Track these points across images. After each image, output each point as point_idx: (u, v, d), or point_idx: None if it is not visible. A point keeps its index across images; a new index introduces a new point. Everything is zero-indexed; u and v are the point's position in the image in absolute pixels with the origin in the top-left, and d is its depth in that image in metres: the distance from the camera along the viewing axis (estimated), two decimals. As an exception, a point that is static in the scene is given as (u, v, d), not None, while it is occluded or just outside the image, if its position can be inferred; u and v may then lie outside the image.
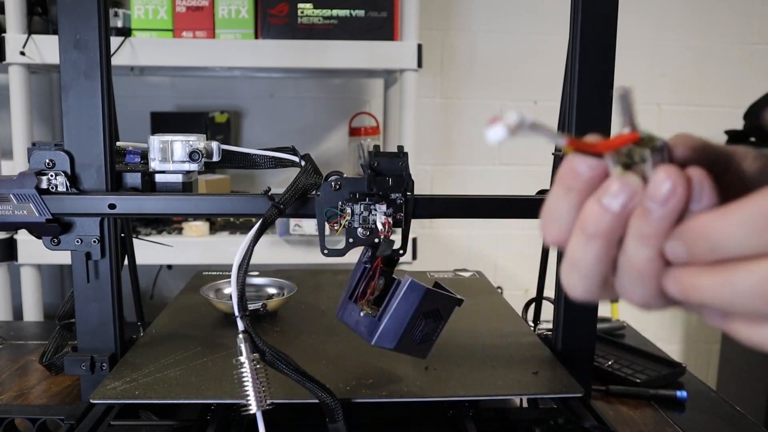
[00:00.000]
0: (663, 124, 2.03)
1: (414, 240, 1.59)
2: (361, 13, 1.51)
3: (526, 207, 0.72)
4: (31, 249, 1.48)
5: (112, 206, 0.67)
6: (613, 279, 0.29)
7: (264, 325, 0.83)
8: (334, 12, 1.50)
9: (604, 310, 1.89)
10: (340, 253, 0.67)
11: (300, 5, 1.49)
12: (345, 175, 0.66)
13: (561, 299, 0.74)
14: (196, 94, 1.90)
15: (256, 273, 0.97)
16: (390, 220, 0.65)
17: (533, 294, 0.90)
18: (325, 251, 0.67)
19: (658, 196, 0.26)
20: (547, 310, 0.81)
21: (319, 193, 0.65)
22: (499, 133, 0.26)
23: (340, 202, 0.65)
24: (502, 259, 2.05)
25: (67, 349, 0.74)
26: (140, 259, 0.85)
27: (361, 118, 1.84)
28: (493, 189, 1.99)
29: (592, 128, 0.70)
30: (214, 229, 1.60)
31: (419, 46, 1.52)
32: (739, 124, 1.86)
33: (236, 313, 0.57)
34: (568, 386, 0.66)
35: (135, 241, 0.82)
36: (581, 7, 0.69)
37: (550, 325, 0.78)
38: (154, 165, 0.69)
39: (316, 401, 0.59)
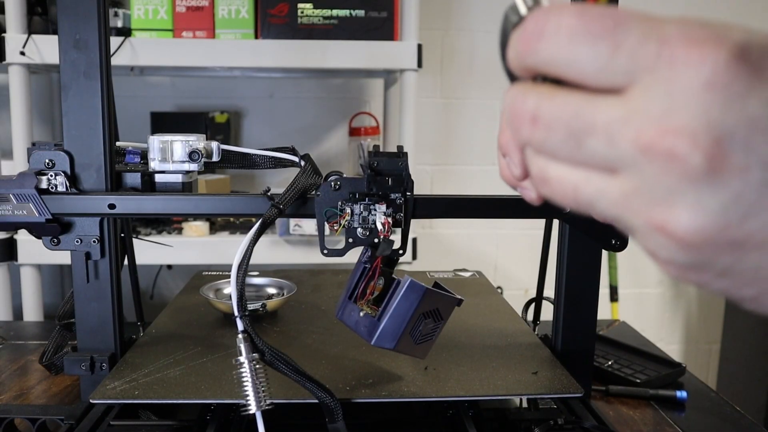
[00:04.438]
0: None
1: (414, 240, 1.59)
2: (361, 13, 1.51)
3: (526, 207, 0.71)
4: (31, 249, 1.48)
5: (111, 206, 0.67)
6: None
7: (264, 325, 0.83)
8: (334, 12, 1.50)
9: (603, 311, 1.89)
10: (340, 253, 0.67)
11: (300, 5, 1.49)
12: (345, 175, 0.66)
13: (561, 299, 0.74)
14: (196, 94, 1.91)
15: (256, 273, 0.97)
16: (390, 220, 0.65)
17: (533, 294, 0.90)
18: (325, 251, 0.67)
19: None
20: (547, 310, 0.81)
21: (318, 193, 0.65)
22: None
23: (339, 202, 0.65)
24: (502, 259, 2.06)
25: (67, 349, 0.74)
26: (140, 259, 0.85)
27: (361, 118, 1.84)
28: (493, 189, 1.99)
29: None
30: (214, 229, 1.60)
31: (419, 46, 1.52)
32: (739, 124, 1.86)
33: (236, 313, 0.57)
34: (568, 386, 0.66)
35: (135, 241, 0.82)
36: (581, 7, 0.69)
37: (549, 325, 0.78)
38: (153, 165, 0.69)
39: (316, 401, 0.59)
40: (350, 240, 0.66)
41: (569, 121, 0.23)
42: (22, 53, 1.42)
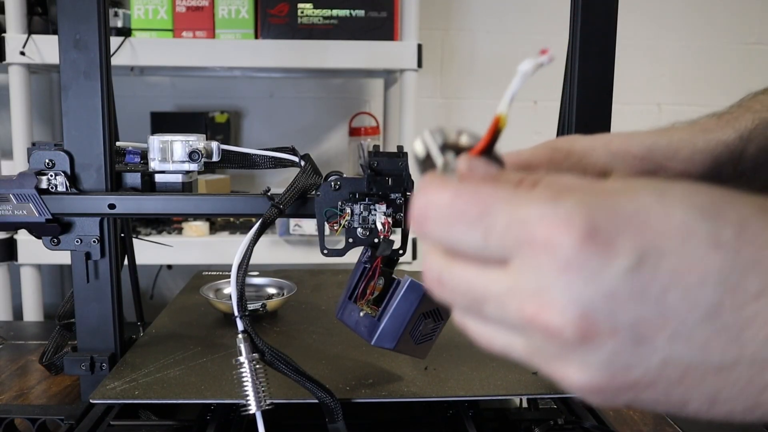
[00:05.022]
0: (663, 124, 2.03)
1: (414, 240, 1.59)
2: (361, 13, 1.51)
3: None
4: (31, 249, 1.48)
5: (111, 206, 0.67)
6: None
7: (264, 325, 0.83)
8: (334, 12, 1.50)
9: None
10: (340, 253, 0.67)
11: (300, 5, 1.49)
12: (345, 175, 0.66)
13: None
14: (196, 94, 1.91)
15: (256, 273, 0.97)
16: (390, 220, 0.65)
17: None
18: (325, 251, 0.67)
19: None
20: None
21: (318, 193, 0.65)
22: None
23: (339, 202, 0.65)
24: (502, 259, 2.05)
25: (67, 349, 0.74)
26: (140, 259, 0.85)
27: (361, 118, 1.84)
28: (493, 189, 1.98)
29: (593, 128, 0.70)
30: (214, 229, 1.60)
31: (419, 46, 1.52)
32: (739, 124, 1.86)
33: (236, 313, 0.57)
34: (568, 386, 0.66)
35: (135, 241, 0.82)
36: (581, 7, 0.69)
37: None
38: (153, 165, 0.69)
39: (316, 401, 0.59)
40: (350, 240, 0.66)
41: (467, 291, 0.27)
42: (22, 53, 1.42)
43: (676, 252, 0.23)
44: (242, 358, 0.56)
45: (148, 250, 1.34)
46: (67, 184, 0.67)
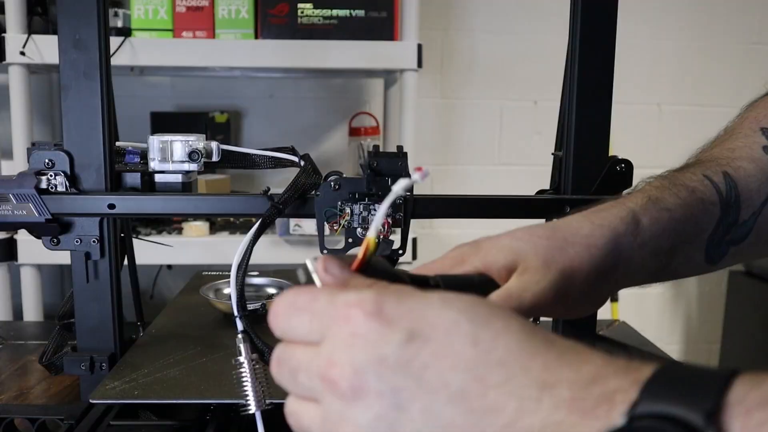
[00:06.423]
0: (663, 124, 2.03)
1: (414, 240, 1.59)
2: (361, 13, 1.51)
3: (526, 207, 0.72)
4: (31, 249, 1.48)
5: (111, 206, 0.67)
6: None
7: (264, 325, 0.82)
8: (334, 12, 1.50)
9: (603, 311, 1.88)
10: (340, 253, 0.67)
11: (300, 5, 1.49)
12: (345, 175, 0.66)
13: (561, 299, 0.74)
14: (196, 94, 1.90)
15: (256, 273, 0.97)
16: (390, 220, 0.65)
17: (533, 294, 0.90)
18: (325, 251, 0.67)
19: None
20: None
21: (318, 193, 0.65)
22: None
23: (339, 202, 0.65)
24: (502, 259, 2.05)
25: (67, 349, 0.74)
26: (140, 259, 0.85)
27: (361, 118, 1.84)
28: (493, 189, 1.98)
29: (592, 128, 0.70)
30: (214, 229, 1.60)
31: (419, 46, 1.52)
32: (739, 124, 1.86)
33: (236, 313, 0.57)
34: (568, 386, 0.65)
35: (135, 241, 0.82)
36: (581, 7, 0.69)
37: (549, 325, 0.78)
38: (153, 165, 0.69)
39: (316, 401, 0.59)
40: (350, 240, 0.66)
41: (293, 365, 0.33)
42: (22, 53, 1.42)
43: (439, 340, 0.29)
44: (242, 358, 0.56)
45: (148, 250, 1.34)
46: (67, 184, 0.67)
